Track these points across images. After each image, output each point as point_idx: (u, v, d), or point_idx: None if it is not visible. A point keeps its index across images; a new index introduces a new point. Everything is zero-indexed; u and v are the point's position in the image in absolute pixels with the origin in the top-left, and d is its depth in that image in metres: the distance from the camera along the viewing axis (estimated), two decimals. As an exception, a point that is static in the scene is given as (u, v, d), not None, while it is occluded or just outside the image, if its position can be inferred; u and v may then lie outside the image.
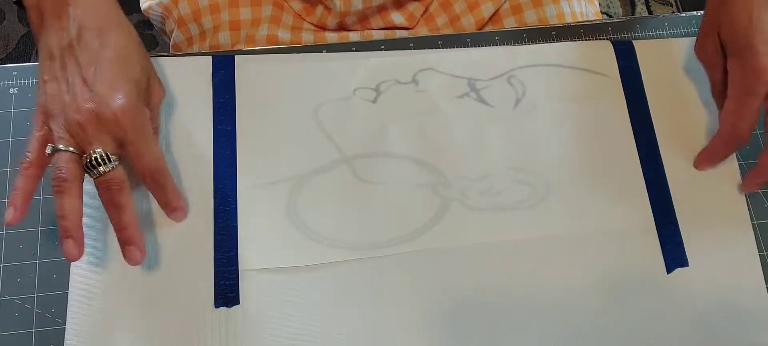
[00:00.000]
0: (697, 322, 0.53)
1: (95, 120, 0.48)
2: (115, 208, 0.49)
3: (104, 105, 0.48)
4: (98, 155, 0.48)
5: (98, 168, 0.48)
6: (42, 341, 0.52)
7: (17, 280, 0.53)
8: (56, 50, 0.50)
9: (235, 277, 0.53)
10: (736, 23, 0.53)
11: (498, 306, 0.53)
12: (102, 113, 0.48)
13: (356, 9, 0.67)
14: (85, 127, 0.48)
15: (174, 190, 0.53)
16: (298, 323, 0.52)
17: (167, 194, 0.52)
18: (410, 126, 0.58)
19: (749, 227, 0.56)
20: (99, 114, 0.48)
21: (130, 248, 0.50)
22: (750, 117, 0.53)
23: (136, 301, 0.52)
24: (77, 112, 0.48)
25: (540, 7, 0.70)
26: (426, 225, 0.55)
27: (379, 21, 0.70)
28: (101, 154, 0.48)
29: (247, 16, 0.70)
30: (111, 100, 0.48)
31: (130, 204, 0.50)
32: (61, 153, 0.48)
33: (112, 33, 0.50)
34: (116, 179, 0.49)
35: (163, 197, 0.52)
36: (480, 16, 0.70)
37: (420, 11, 0.70)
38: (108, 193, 0.49)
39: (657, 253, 0.55)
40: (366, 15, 0.69)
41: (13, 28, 1.47)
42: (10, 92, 0.59)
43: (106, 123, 0.48)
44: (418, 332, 0.52)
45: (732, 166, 0.58)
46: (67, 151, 0.48)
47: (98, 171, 0.48)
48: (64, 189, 0.48)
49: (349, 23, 0.70)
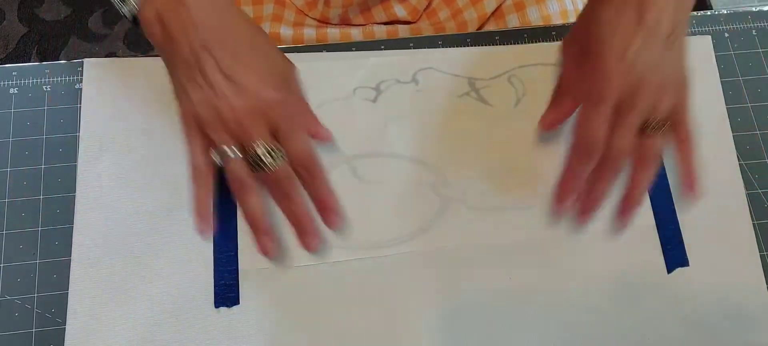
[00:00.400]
0: (697, 322, 0.53)
1: (250, 113, 0.48)
2: (290, 200, 0.50)
3: (254, 96, 0.48)
4: (263, 150, 0.48)
5: (265, 162, 0.49)
6: (42, 341, 0.52)
7: (17, 280, 0.53)
8: (190, 56, 0.49)
9: (235, 276, 0.53)
10: (593, 30, 0.50)
11: (498, 306, 0.53)
12: (255, 105, 0.48)
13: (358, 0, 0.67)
14: (243, 122, 0.48)
15: (325, 182, 0.51)
16: (298, 323, 0.52)
17: (318, 185, 0.51)
18: (410, 126, 0.58)
19: (749, 227, 0.56)
20: (252, 107, 0.48)
21: (307, 238, 0.50)
22: (599, 125, 0.49)
23: (136, 301, 0.52)
24: (231, 110, 0.48)
25: (542, 2, 0.70)
26: (426, 225, 0.55)
27: (381, 13, 0.70)
28: (265, 148, 0.48)
29: (249, 15, 0.70)
30: (259, 89, 0.48)
31: (302, 193, 0.50)
32: (232, 161, 0.49)
33: (239, 25, 0.50)
34: (284, 172, 0.49)
35: (314, 189, 0.51)
36: (482, 10, 0.69)
37: (423, 5, 0.70)
38: (278, 188, 0.50)
39: (657, 253, 0.55)
40: (368, 5, 0.69)
41: (13, 28, 1.47)
42: (10, 92, 0.59)
43: (261, 113, 0.48)
44: (419, 331, 0.52)
45: (732, 166, 0.58)
46: (234, 154, 0.49)
47: (266, 165, 0.49)
48: (245, 190, 0.49)
49: (352, 16, 0.70)
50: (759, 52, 0.63)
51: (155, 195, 0.55)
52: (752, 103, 0.61)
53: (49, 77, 0.60)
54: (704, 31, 0.63)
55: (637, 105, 0.49)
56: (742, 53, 0.63)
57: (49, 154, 0.57)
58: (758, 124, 0.60)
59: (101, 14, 1.49)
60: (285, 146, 0.49)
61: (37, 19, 1.48)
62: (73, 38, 1.46)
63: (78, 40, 1.46)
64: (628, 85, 0.48)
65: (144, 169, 0.56)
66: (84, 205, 0.55)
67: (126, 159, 0.56)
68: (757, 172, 0.58)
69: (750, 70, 0.62)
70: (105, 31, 1.47)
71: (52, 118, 0.58)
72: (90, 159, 0.56)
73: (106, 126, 0.57)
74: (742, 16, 0.64)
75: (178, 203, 0.55)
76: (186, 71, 0.49)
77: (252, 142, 0.48)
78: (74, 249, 0.54)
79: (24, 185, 0.56)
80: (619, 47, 0.48)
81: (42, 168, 0.56)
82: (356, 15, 0.70)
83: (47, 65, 0.60)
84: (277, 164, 0.49)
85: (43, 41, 1.45)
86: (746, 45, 0.63)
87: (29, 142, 0.57)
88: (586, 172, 0.51)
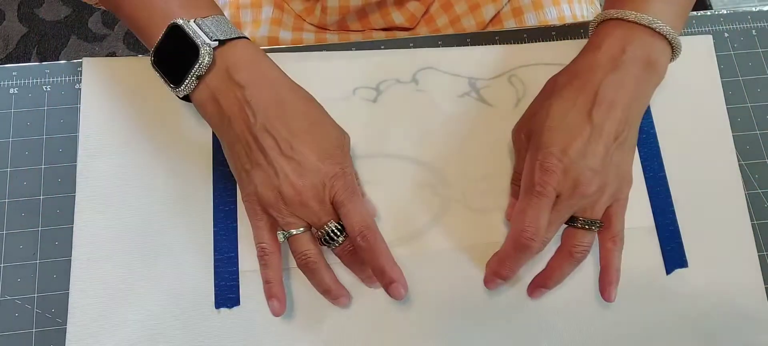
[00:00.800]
0: (697, 322, 0.53)
1: (313, 192, 0.48)
2: (361, 268, 0.52)
3: (315, 173, 0.48)
4: (332, 229, 0.49)
5: (337, 239, 0.49)
6: (42, 341, 0.52)
7: (17, 280, 0.53)
8: (249, 136, 0.49)
9: (235, 277, 0.53)
10: (541, 121, 0.50)
11: (498, 306, 0.53)
12: (316, 182, 0.48)
13: (355, 5, 0.67)
14: (307, 203, 0.48)
15: (386, 254, 0.50)
16: (298, 323, 0.52)
17: (379, 258, 0.50)
18: (410, 126, 0.58)
19: (749, 227, 0.56)
20: (314, 184, 0.48)
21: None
22: (537, 219, 0.48)
23: (137, 301, 0.52)
24: (294, 191, 0.48)
25: (540, 9, 0.70)
26: (426, 225, 0.55)
27: (379, 20, 0.70)
28: (335, 227, 0.49)
29: (248, 18, 0.70)
30: (319, 166, 0.48)
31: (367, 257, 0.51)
32: (296, 237, 0.49)
33: (294, 101, 0.50)
34: None
35: (374, 261, 0.50)
36: (480, 18, 0.69)
37: (421, 11, 0.70)
38: (351, 258, 0.51)
39: (657, 253, 0.55)
40: (366, 12, 0.69)
41: (13, 28, 1.47)
42: (10, 92, 0.59)
43: (323, 188, 0.49)
44: (419, 331, 0.52)
45: (732, 165, 0.58)
46: (300, 233, 0.49)
47: (337, 242, 0.50)
48: (316, 268, 0.50)
49: (350, 23, 0.70)
50: (759, 52, 0.63)
51: (155, 195, 0.55)
52: (752, 103, 0.61)
53: (49, 77, 0.60)
54: (704, 31, 0.63)
55: (572, 203, 0.49)
56: (742, 53, 0.63)
57: (49, 154, 0.57)
58: (758, 124, 0.60)
59: (101, 14, 1.49)
60: (342, 215, 0.49)
61: (37, 19, 1.48)
62: (73, 38, 1.46)
63: (78, 40, 1.46)
64: (568, 182, 0.48)
65: (144, 169, 0.56)
66: (84, 205, 0.55)
67: (126, 159, 0.56)
68: (757, 172, 0.58)
69: (750, 70, 0.62)
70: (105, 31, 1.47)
71: (52, 118, 0.58)
72: (90, 159, 0.56)
73: (106, 125, 0.57)
74: (742, 16, 0.64)
75: (178, 202, 0.55)
76: (245, 152, 0.49)
77: (319, 221, 0.49)
78: (74, 249, 0.54)
79: (24, 185, 0.56)
80: (562, 142, 0.48)
81: (42, 168, 0.56)
82: (354, 22, 0.70)
83: (47, 65, 0.60)
84: (345, 238, 0.50)
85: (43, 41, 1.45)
86: (746, 45, 0.63)
87: (29, 142, 0.57)
88: (520, 264, 0.51)
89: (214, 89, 0.49)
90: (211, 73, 0.49)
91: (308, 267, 0.50)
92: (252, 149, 0.49)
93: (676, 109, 0.60)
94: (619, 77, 0.50)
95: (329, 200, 0.49)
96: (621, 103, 0.49)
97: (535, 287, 0.53)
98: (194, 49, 0.49)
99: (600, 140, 0.48)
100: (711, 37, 0.63)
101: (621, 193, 0.51)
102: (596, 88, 0.49)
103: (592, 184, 0.48)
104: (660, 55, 0.51)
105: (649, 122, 0.59)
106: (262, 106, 0.48)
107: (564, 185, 0.48)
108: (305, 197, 0.48)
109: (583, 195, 0.49)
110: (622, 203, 0.52)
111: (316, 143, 0.49)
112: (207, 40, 0.49)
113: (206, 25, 0.50)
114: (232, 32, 0.50)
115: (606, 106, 0.49)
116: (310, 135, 0.49)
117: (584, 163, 0.48)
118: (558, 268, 0.52)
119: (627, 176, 0.51)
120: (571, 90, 0.50)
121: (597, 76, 0.50)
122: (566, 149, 0.48)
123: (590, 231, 0.51)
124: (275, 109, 0.49)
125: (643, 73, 0.50)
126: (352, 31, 0.71)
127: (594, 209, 0.50)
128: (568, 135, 0.49)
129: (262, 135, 0.48)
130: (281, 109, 0.49)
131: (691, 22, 0.64)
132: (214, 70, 0.49)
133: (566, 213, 0.50)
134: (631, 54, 0.50)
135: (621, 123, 0.49)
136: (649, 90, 0.52)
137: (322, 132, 0.50)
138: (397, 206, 0.56)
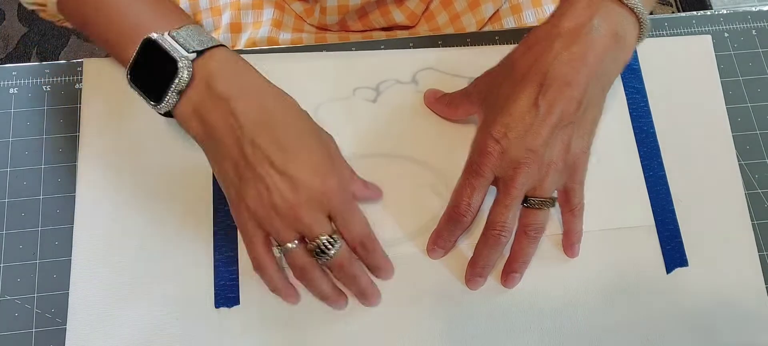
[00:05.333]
0: (697, 322, 0.53)
1: (306, 206, 0.47)
2: (352, 279, 0.51)
3: (309, 188, 0.47)
4: (324, 242, 0.48)
5: (328, 252, 0.48)
6: (42, 341, 0.52)
7: (17, 280, 0.53)
8: (237, 151, 0.47)
9: (235, 277, 0.53)
10: (493, 93, 0.51)
11: (498, 306, 0.53)
12: (310, 197, 0.47)
13: (355, 5, 0.67)
14: (302, 218, 0.47)
15: (381, 253, 0.52)
16: (298, 322, 0.52)
17: (377, 259, 0.52)
18: (410, 126, 0.58)
19: (749, 227, 0.56)
20: (308, 199, 0.47)
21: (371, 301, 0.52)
22: (470, 196, 0.50)
23: (137, 301, 0.52)
24: (288, 206, 0.47)
25: (539, 6, 0.70)
26: (426, 225, 0.55)
27: (379, 19, 0.70)
28: (327, 240, 0.48)
29: (249, 19, 0.70)
30: (312, 181, 0.47)
31: (361, 267, 0.51)
32: (292, 251, 0.48)
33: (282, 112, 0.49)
34: (346, 256, 0.50)
35: (372, 262, 0.52)
36: (480, 15, 0.70)
37: (421, 9, 0.70)
38: (342, 272, 0.50)
39: (657, 253, 0.55)
40: (366, 11, 0.69)
41: (13, 28, 1.47)
42: (10, 92, 0.59)
43: (317, 203, 0.48)
44: (418, 331, 0.52)
45: (732, 165, 0.58)
46: (295, 247, 0.48)
47: (328, 256, 0.48)
48: (313, 277, 0.50)
49: (350, 23, 0.70)
50: (759, 52, 0.63)
51: (156, 195, 0.55)
52: (752, 103, 0.61)
53: (49, 77, 0.60)
54: (704, 31, 0.63)
55: (515, 184, 0.49)
56: (742, 53, 0.63)
57: (49, 154, 0.57)
58: (758, 124, 0.60)
59: (101, 14, 1.48)
60: (343, 231, 0.49)
61: (37, 19, 1.48)
62: (73, 38, 1.46)
63: (78, 40, 1.46)
64: (507, 164, 0.49)
65: (144, 169, 0.56)
66: (84, 205, 0.55)
67: (126, 159, 0.56)
68: (757, 172, 0.58)
69: (750, 70, 0.62)
70: (105, 31, 1.47)
71: (52, 118, 0.58)
72: (90, 159, 0.56)
73: (107, 126, 0.57)
74: (742, 16, 0.64)
75: (178, 202, 0.55)
76: (234, 168, 0.48)
77: (313, 235, 0.48)
78: (74, 249, 0.54)
79: (24, 185, 0.56)
80: (502, 126, 0.49)
81: (42, 168, 0.56)
82: (355, 21, 0.70)
83: (47, 65, 0.60)
84: (339, 251, 0.49)
85: (43, 41, 1.45)
86: (746, 45, 0.63)
87: (29, 142, 0.57)
88: (455, 235, 0.53)
89: (197, 104, 0.48)
90: (191, 87, 0.48)
91: (306, 278, 0.50)
92: (239, 165, 0.47)
93: (676, 109, 0.60)
94: (579, 50, 0.48)
95: (325, 214, 0.48)
96: (577, 81, 0.48)
97: (505, 274, 0.53)
98: (172, 62, 0.47)
99: (545, 122, 0.48)
100: (710, 38, 0.63)
101: (576, 169, 0.51)
102: (548, 65, 0.48)
103: (532, 164, 0.48)
104: (628, 30, 0.49)
105: (649, 122, 0.59)
106: (249, 118, 0.47)
107: (503, 166, 0.49)
108: (300, 212, 0.47)
109: (524, 176, 0.49)
110: (577, 177, 0.51)
111: (307, 156, 0.48)
112: (184, 54, 0.47)
113: (181, 36, 0.48)
114: (209, 41, 0.49)
115: (557, 85, 0.48)
116: (300, 148, 0.48)
117: (522, 144, 0.48)
118: (519, 250, 0.52)
119: (580, 152, 0.50)
120: (524, 63, 0.49)
121: (553, 50, 0.48)
122: (506, 132, 0.48)
123: (542, 210, 0.50)
124: (262, 121, 0.47)
125: (608, 48, 0.49)
126: (352, 31, 0.71)
127: (542, 188, 0.50)
128: (511, 116, 0.49)
129: (251, 150, 0.47)
130: (268, 120, 0.48)
131: (691, 22, 0.64)
132: (194, 84, 0.48)
133: (516, 193, 0.49)
134: (597, 24, 0.48)
135: (574, 102, 0.48)
136: (614, 67, 0.50)
137: (311, 144, 0.49)
138: (397, 205, 0.56)
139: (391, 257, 0.53)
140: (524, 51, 0.51)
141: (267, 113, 0.48)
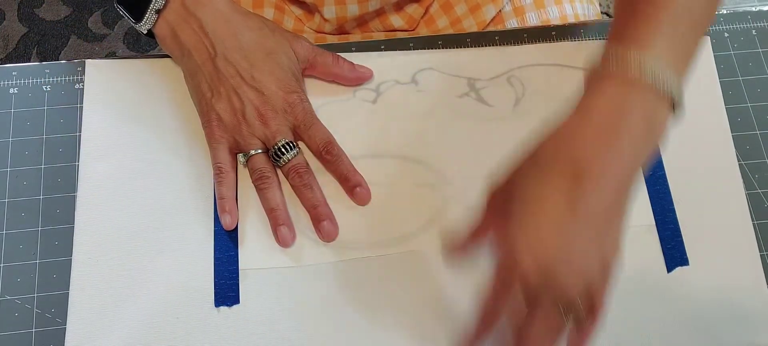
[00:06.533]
0: (697, 322, 0.53)
1: (273, 114, 0.53)
2: (307, 188, 0.53)
3: (276, 99, 0.53)
4: (281, 145, 0.53)
5: (285, 156, 0.53)
6: (42, 341, 0.52)
7: (17, 280, 0.53)
8: (210, 66, 0.53)
9: (235, 276, 0.53)
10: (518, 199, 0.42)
11: (498, 306, 0.53)
12: (277, 106, 0.53)
13: (353, 15, 0.67)
14: (268, 123, 0.53)
15: (347, 161, 0.55)
16: (298, 322, 0.52)
17: (343, 165, 0.54)
18: (410, 126, 0.58)
19: (749, 227, 0.56)
20: (273, 109, 0.53)
21: (323, 223, 0.53)
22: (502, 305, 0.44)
23: (137, 301, 0.52)
24: (258, 115, 0.53)
25: (542, 8, 0.70)
26: (426, 225, 0.55)
27: (378, 25, 0.70)
28: (284, 143, 0.53)
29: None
30: (279, 92, 0.54)
31: (317, 183, 0.54)
32: (255, 156, 0.53)
33: (250, 30, 0.55)
34: (303, 163, 0.54)
35: (339, 169, 0.54)
36: (481, 18, 0.69)
37: (419, 13, 0.70)
38: (298, 176, 0.53)
39: (657, 253, 0.55)
40: (365, 19, 0.69)
41: (13, 28, 1.47)
42: (10, 92, 0.59)
43: (283, 113, 0.53)
44: (419, 331, 0.52)
45: (732, 166, 0.58)
46: (259, 153, 0.53)
47: (285, 159, 0.53)
48: (269, 184, 0.53)
49: (349, 30, 0.70)
50: (759, 52, 0.63)
51: (156, 195, 0.55)
52: (752, 103, 0.61)
53: (49, 77, 0.60)
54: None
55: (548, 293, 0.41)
56: (742, 53, 0.63)
57: (49, 154, 0.57)
58: (758, 124, 0.60)
59: (101, 14, 1.48)
60: (306, 138, 0.54)
61: (37, 19, 1.48)
62: (73, 38, 1.46)
63: (78, 40, 1.46)
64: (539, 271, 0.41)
65: (145, 169, 0.56)
66: (84, 205, 0.55)
67: (127, 159, 0.56)
68: (757, 172, 0.58)
69: (750, 70, 0.62)
70: (105, 31, 1.47)
71: (52, 118, 0.58)
72: (91, 159, 0.56)
73: (108, 126, 0.57)
74: (742, 16, 0.64)
75: (178, 202, 0.55)
76: (207, 81, 0.54)
77: (275, 140, 0.53)
78: (74, 249, 0.54)
79: (24, 185, 0.56)
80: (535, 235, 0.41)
81: (42, 168, 0.56)
82: (354, 28, 0.70)
83: (47, 65, 0.60)
84: (296, 155, 0.53)
85: (43, 41, 1.45)
86: (746, 45, 0.63)
87: (29, 142, 0.57)
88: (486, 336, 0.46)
89: (172, 23, 0.54)
90: (167, 8, 0.54)
91: (262, 182, 0.53)
92: (212, 78, 0.53)
93: (676, 109, 0.60)
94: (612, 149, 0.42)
95: (289, 125, 0.54)
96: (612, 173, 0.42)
97: None
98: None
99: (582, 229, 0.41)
100: (708, 38, 0.62)
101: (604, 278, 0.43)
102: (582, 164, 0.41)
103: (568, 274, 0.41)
104: (663, 118, 0.43)
105: (649, 122, 0.59)
106: (220, 37, 0.53)
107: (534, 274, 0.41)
108: (267, 118, 0.53)
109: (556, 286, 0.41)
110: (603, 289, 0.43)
111: (274, 73, 0.54)
112: None
113: None
114: None
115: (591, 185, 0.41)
116: (267, 65, 0.54)
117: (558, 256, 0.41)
118: None
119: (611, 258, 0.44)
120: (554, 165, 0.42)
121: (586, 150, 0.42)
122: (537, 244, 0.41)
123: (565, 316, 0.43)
124: (232, 40, 0.53)
125: (641, 141, 0.43)
126: (351, 34, 0.71)
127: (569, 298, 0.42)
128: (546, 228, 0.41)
129: (223, 65, 0.53)
130: (238, 39, 0.54)
131: (690, 22, 0.64)
132: (170, 4, 0.54)
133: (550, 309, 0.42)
134: (630, 121, 0.42)
135: (612, 193, 0.42)
136: (647, 156, 0.44)
137: (278, 62, 0.54)
138: (396, 205, 0.56)
139: (391, 257, 0.53)
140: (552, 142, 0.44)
141: (238, 33, 0.54)
